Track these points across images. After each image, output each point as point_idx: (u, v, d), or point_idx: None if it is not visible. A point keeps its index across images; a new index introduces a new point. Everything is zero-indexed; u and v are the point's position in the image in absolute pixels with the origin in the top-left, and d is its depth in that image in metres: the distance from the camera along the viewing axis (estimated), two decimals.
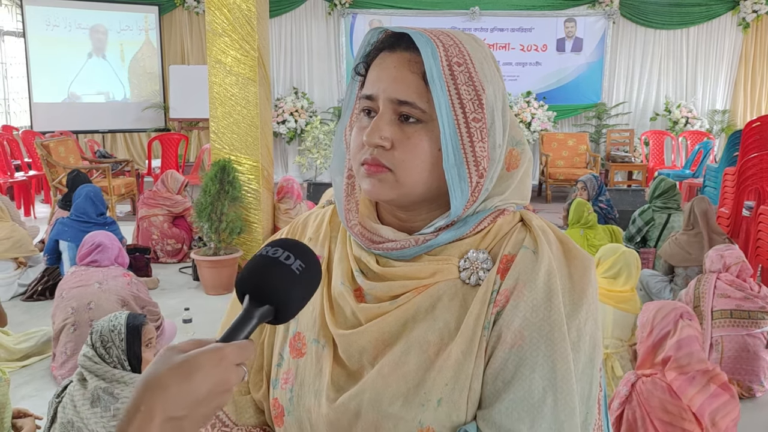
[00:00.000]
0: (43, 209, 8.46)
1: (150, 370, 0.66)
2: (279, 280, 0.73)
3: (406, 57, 0.85)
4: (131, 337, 2.35)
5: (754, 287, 3.53)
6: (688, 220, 4.59)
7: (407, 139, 0.85)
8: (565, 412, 0.81)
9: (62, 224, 4.89)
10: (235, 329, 0.71)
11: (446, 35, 0.86)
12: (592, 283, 0.87)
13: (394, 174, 0.86)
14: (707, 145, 9.18)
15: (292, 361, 0.94)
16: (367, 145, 0.86)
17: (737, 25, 10.61)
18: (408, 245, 0.88)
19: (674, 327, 2.45)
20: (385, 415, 0.84)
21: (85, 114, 9.99)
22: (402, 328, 0.87)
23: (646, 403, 2.36)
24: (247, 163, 5.27)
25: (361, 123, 0.89)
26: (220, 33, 5.13)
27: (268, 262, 0.74)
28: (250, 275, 0.74)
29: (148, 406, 0.63)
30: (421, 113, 0.84)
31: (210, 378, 0.66)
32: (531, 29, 10.61)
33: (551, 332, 0.82)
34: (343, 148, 0.97)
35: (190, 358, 0.66)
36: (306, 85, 10.75)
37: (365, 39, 0.91)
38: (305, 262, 0.75)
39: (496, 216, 0.91)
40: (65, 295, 3.63)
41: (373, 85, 0.87)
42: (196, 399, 0.65)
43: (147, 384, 0.65)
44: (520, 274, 0.85)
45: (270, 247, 0.76)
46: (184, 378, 0.65)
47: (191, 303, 4.70)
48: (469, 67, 0.85)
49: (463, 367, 0.83)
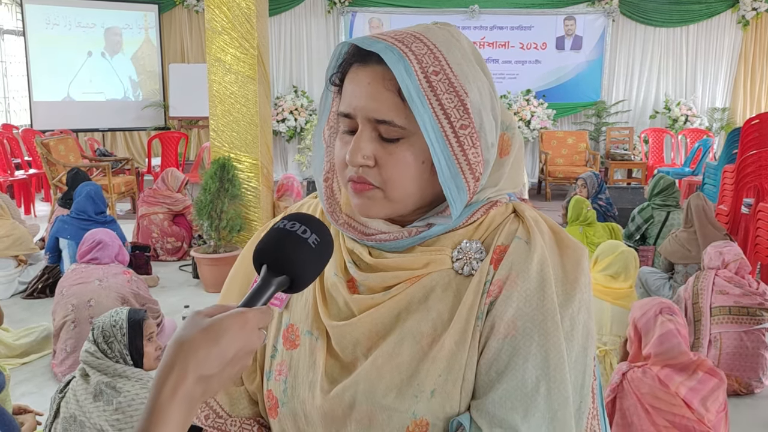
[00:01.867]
0: (43, 207, 8.46)
1: (181, 332, 0.71)
2: (297, 253, 0.77)
3: (379, 73, 0.82)
4: (133, 331, 2.38)
5: (753, 284, 3.53)
6: (687, 217, 4.60)
7: (390, 156, 0.84)
8: (559, 401, 0.81)
9: (62, 222, 4.90)
10: (255, 296, 0.75)
11: (418, 41, 0.83)
12: (585, 273, 0.87)
13: (382, 191, 0.85)
14: (706, 142, 9.19)
15: (285, 353, 0.94)
16: (351, 165, 0.85)
17: (737, 22, 10.60)
18: (401, 236, 0.88)
19: (654, 323, 2.49)
20: (379, 407, 0.84)
21: (84, 112, 9.99)
22: (395, 319, 0.87)
23: (636, 390, 2.41)
24: (246, 161, 5.28)
25: (343, 138, 0.88)
26: (219, 31, 5.13)
27: (286, 235, 0.78)
28: (270, 247, 0.78)
29: (181, 366, 0.68)
30: (401, 130, 0.83)
31: (236, 340, 0.70)
32: (530, 27, 10.60)
33: (544, 322, 0.82)
34: (322, 151, 0.96)
35: (217, 321, 0.71)
36: (305, 84, 10.75)
37: (336, 50, 0.88)
38: (320, 236, 0.79)
39: (489, 207, 0.90)
40: (65, 292, 3.64)
41: (350, 103, 0.85)
42: (224, 360, 0.70)
43: (180, 346, 0.70)
44: (513, 264, 0.85)
45: (287, 221, 0.79)
46: (213, 340, 0.70)
47: (191, 301, 4.71)
48: (448, 74, 0.82)
49: (456, 357, 0.83)
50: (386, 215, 0.88)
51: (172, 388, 0.68)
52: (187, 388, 0.68)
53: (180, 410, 0.68)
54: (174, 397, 0.67)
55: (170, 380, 0.68)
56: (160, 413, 0.67)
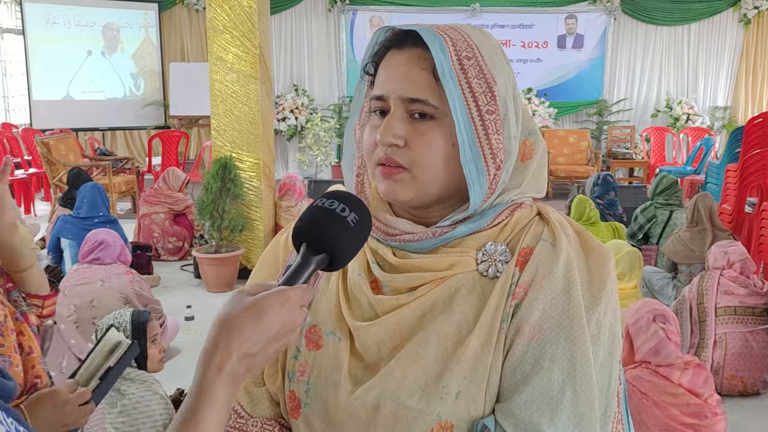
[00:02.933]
0: (43, 207, 8.44)
1: (225, 311, 0.73)
2: (336, 232, 0.78)
3: (415, 54, 0.85)
4: (137, 333, 2.36)
5: (758, 283, 3.52)
6: (692, 217, 4.58)
7: (420, 136, 0.85)
8: (585, 405, 0.81)
9: (64, 221, 4.88)
10: (295, 273, 0.76)
11: (453, 30, 0.86)
12: (611, 276, 0.87)
13: (410, 172, 0.86)
14: (708, 141, 9.18)
15: (308, 354, 0.93)
16: (381, 144, 0.86)
17: (738, 21, 10.60)
18: (425, 237, 0.89)
19: (647, 330, 2.56)
20: (403, 408, 0.84)
21: (85, 111, 9.98)
22: (419, 320, 0.87)
23: (641, 388, 2.46)
24: (248, 161, 5.26)
25: (373, 122, 0.89)
26: (221, 30, 5.11)
27: (326, 214, 0.79)
28: (310, 226, 0.79)
29: (226, 343, 0.71)
30: (433, 109, 0.84)
31: (278, 318, 0.73)
32: (532, 26, 10.59)
33: (570, 325, 0.82)
34: (353, 147, 0.97)
35: (260, 299, 0.72)
36: (306, 82, 10.73)
37: (373, 38, 0.90)
38: (359, 214, 0.80)
39: (514, 209, 0.91)
40: (67, 292, 3.61)
41: (384, 85, 0.87)
42: (268, 337, 0.72)
43: (224, 324, 0.72)
44: (539, 266, 0.85)
45: (326, 199, 0.80)
46: (256, 318, 0.71)
47: (193, 301, 4.70)
48: (479, 60, 0.84)
49: (481, 359, 0.83)
50: (412, 198, 0.87)
51: (218, 365, 0.70)
52: (232, 366, 0.70)
53: (225, 387, 0.70)
54: (220, 375, 0.70)
55: (216, 358, 0.70)
56: (207, 391, 0.69)
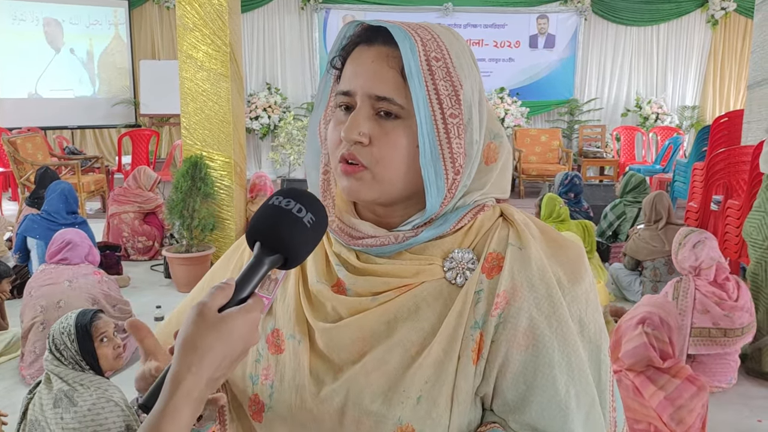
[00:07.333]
0: (10, 207, 8.30)
1: (191, 331, 0.72)
2: (292, 233, 0.77)
3: (384, 51, 0.84)
4: (81, 336, 2.34)
5: (734, 292, 3.44)
6: (650, 216, 4.70)
7: (385, 135, 0.84)
8: (587, 401, 0.84)
9: (32, 221, 4.79)
10: (249, 273, 0.76)
11: (424, 29, 0.85)
12: (585, 269, 0.88)
13: (371, 171, 0.85)
14: (677, 140, 9.32)
15: (271, 357, 0.93)
16: (345, 141, 0.84)
17: (706, 22, 10.78)
18: (388, 242, 0.88)
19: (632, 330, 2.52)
20: (366, 412, 0.84)
21: (53, 110, 9.81)
22: (386, 328, 0.86)
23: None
24: (219, 160, 5.22)
25: (338, 118, 0.88)
26: (191, 28, 5.07)
27: (282, 214, 0.77)
28: (264, 226, 0.77)
29: (197, 368, 0.71)
30: (399, 109, 0.83)
31: (242, 340, 0.74)
32: (504, 25, 10.66)
33: (560, 326, 0.84)
34: (318, 143, 0.95)
35: (228, 320, 0.73)
36: (279, 81, 10.68)
37: (341, 32, 0.89)
38: (315, 215, 0.78)
39: (477, 212, 0.90)
40: (34, 293, 3.56)
41: (351, 81, 0.86)
42: (233, 359, 0.74)
43: (193, 347, 0.71)
44: (514, 273, 0.85)
45: (283, 198, 0.78)
46: (225, 341, 0.72)
47: (163, 301, 4.65)
48: (447, 62, 0.84)
49: (444, 364, 0.83)
50: (374, 198, 0.87)
51: (188, 390, 0.70)
52: (200, 390, 0.71)
53: (191, 410, 0.71)
54: (188, 399, 0.70)
55: (186, 383, 0.70)
56: (174, 413, 0.69)
